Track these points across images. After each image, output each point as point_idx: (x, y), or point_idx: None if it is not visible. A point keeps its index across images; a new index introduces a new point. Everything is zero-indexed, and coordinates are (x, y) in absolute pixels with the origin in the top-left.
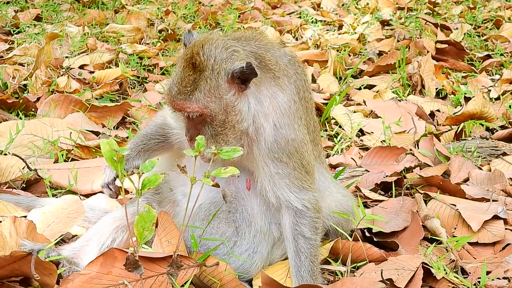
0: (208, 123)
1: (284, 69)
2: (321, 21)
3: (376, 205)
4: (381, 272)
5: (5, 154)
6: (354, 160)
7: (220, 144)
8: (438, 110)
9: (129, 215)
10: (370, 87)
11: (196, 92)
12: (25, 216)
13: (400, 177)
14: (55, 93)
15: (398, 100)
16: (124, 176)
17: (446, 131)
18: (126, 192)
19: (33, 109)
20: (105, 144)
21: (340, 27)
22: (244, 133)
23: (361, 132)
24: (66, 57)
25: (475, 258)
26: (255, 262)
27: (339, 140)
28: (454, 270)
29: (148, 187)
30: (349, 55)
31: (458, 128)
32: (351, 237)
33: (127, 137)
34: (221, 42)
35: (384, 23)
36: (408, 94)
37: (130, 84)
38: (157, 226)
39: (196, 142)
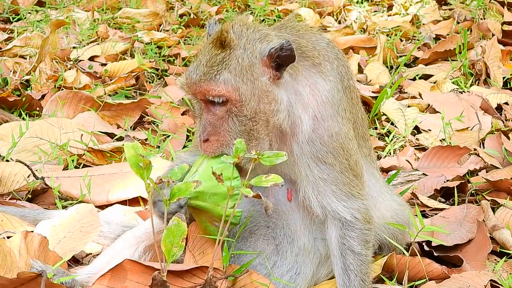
0: (233, 114)
1: (323, 54)
2: (367, 0)
3: (435, 214)
4: None
5: (8, 161)
6: (409, 162)
7: (251, 145)
8: (506, 103)
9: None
10: (426, 77)
11: (225, 72)
12: (32, 231)
13: (463, 181)
14: (62, 89)
15: (459, 92)
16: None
17: None
18: None
19: (37, 108)
20: (130, 148)
21: (390, 7)
22: (278, 130)
23: (417, 130)
24: (74, 47)
25: None
26: (298, 285)
27: (392, 140)
28: None
29: (178, 197)
30: (401, 40)
31: None
32: (407, 251)
33: (146, 139)
34: (251, 24)
35: (442, 2)
36: (471, 85)
37: (148, 78)
38: (187, 241)
39: (235, 147)
